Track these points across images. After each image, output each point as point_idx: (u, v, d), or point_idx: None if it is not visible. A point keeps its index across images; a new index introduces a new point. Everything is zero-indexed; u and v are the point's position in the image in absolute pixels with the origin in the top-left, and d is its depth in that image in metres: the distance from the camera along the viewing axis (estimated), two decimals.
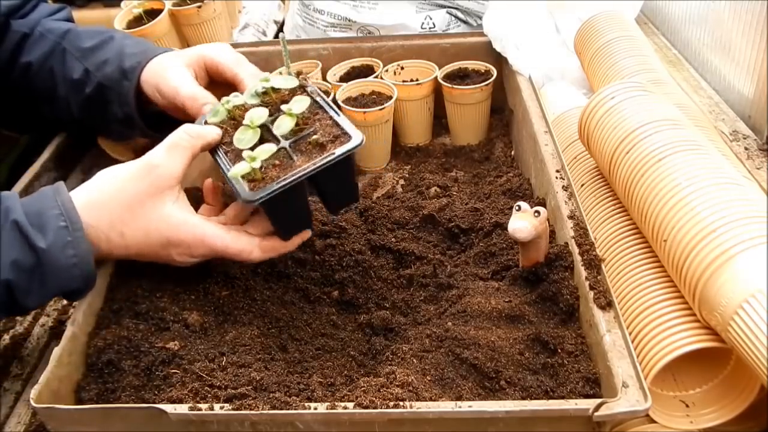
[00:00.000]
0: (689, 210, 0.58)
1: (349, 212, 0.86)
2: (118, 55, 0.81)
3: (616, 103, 0.73)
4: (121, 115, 0.82)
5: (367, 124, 1.00)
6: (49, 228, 0.58)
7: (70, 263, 0.59)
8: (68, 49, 0.84)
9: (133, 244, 0.64)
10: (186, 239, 0.64)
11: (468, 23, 1.27)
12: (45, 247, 0.58)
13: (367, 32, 1.26)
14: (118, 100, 0.81)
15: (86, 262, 0.60)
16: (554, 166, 0.78)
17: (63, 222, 0.59)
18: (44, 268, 0.58)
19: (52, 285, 0.59)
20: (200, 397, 0.56)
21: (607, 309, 0.59)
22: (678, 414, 0.60)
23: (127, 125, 0.83)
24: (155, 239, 0.64)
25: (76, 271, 0.60)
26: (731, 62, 1.00)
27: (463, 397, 0.58)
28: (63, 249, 0.58)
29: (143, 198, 0.63)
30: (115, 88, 0.81)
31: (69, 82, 0.83)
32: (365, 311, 0.74)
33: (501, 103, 1.11)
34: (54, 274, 0.59)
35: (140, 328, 0.65)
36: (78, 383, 0.62)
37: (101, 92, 0.82)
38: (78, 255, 0.59)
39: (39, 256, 0.58)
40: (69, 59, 0.83)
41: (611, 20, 0.99)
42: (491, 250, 0.76)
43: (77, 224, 0.59)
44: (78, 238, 0.59)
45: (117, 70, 0.80)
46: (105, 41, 0.84)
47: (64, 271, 0.59)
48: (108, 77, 0.81)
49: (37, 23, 0.87)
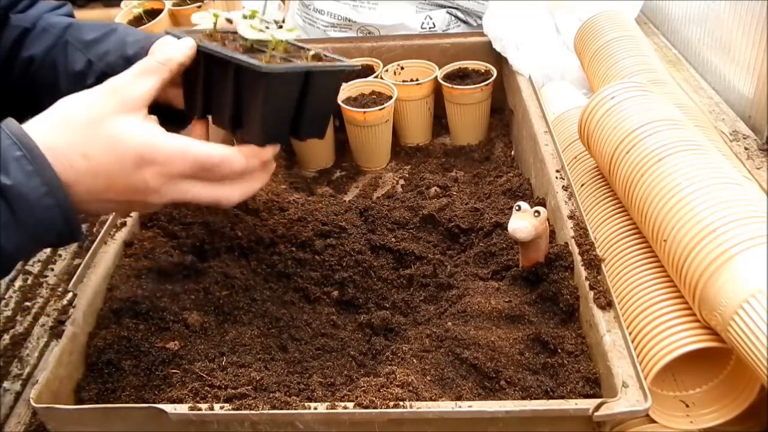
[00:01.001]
0: (689, 210, 0.58)
1: (349, 212, 0.86)
2: (121, 44, 0.81)
3: (616, 103, 0.73)
4: None
5: (367, 124, 1.00)
6: (8, 161, 0.51)
7: (40, 193, 0.51)
8: (71, 42, 0.82)
9: (100, 168, 0.54)
10: (163, 151, 0.56)
11: (468, 23, 1.27)
12: (10, 184, 0.50)
13: (367, 32, 1.26)
14: None
15: (56, 187, 0.52)
16: (554, 166, 0.78)
17: (18, 151, 0.51)
18: (14, 207, 0.51)
19: (26, 225, 0.52)
20: (200, 397, 0.56)
21: (607, 309, 0.59)
22: (678, 414, 0.60)
23: None
24: (126, 157, 0.55)
25: (49, 200, 0.52)
26: (731, 62, 1.00)
27: (463, 397, 0.58)
28: (28, 179, 0.51)
29: (108, 113, 0.55)
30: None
31: (71, 74, 0.81)
32: (365, 311, 0.74)
33: (501, 103, 1.11)
34: (25, 211, 0.51)
35: (140, 328, 0.65)
36: (78, 383, 0.62)
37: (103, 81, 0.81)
38: (47, 183, 0.52)
39: (5, 194, 0.51)
40: (71, 51, 0.81)
41: (611, 20, 0.99)
42: (491, 250, 0.76)
43: (35, 150, 0.52)
44: (41, 166, 0.52)
45: (120, 58, 0.79)
46: (107, 33, 0.83)
47: (36, 205, 0.52)
48: (111, 66, 0.79)
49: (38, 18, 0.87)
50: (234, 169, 0.59)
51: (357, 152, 1.07)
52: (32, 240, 0.54)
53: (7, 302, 0.83)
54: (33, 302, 0.83)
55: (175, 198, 0.58)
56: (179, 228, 0.77)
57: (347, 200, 0.94)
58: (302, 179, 1.05)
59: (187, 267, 0.72)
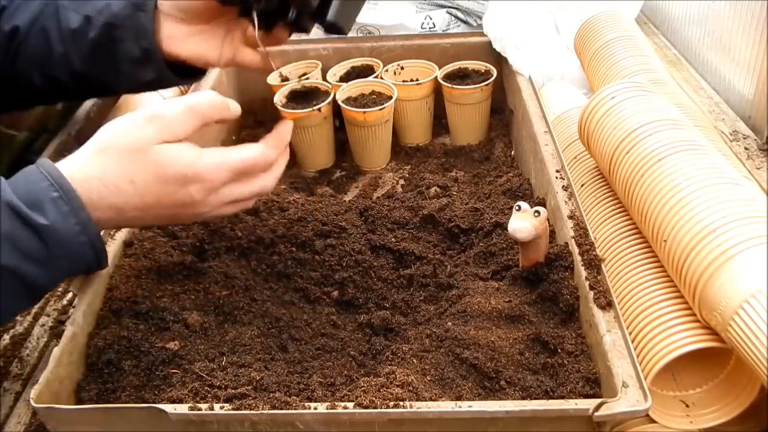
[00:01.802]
0: (689, 210, 0.58)
1: (349, 212, 0.86)
2: None
3: (616, 103, 0.73)
4: (137, 51, 0.77)
5: (367, 124, 1.00)
6: (44, 202, 0.54)
7: (74, 232, 0.55)
8: (61, 4, 0.79)
9: (147, 191, 0.58)
10: (204, 168, 0.59)
11: (468, 23, 1.27)
12: (48, 224, 0.54)
13: (367, 32, 1.26)
14: (134, 36, 0.76)
15: (88, 226, 0.56)
16: (554, 166, 0.78)
17: (55, 193, 0.55)
18: (49, 245, 0.55)
19: (60, 260, 0.56)
20: (200, 397, 0.56)
21: (607, 309, 0.59)
22: (678, 414, 0.60)
23: (142, 62, 0.78)
24: (171, 179, 0.59)
25: (83, 238, 0.56)
26: (731, 62, 1.00)
27: (463, 397, 0.58)
28: (65, 220, 0.55)
29: (149, 142, 0.58)
30: (128, 24, 0.76)
31: (68, 34, 0.78)
32: (365, 311, 0.74)
33: (501, 103, 1.11)
34: (60, 249, 0.55)
35: (140, 328, 0.65)
36: (78, 383, 0.62)
37: (109, 32, 0.77)
38: (81, 223, 0.55)
39: (41, 233, 0.54)
40: (63, 12, 0.78)
41: (611, 20, 0.99)
42: (491, 250, 0.76)
43: (71, 192, 0.55)
44: (76, 207, 0.55)
45: (127, 5, 0.76)
46: None
47: (72, 243, 0.55)
48: (116, 15, 0.77)
49: None
50: (268, 161, 0.63)
51: (357, 152, 1.07)
52: (65, 273, 0.59)
53: None
54: None
55: (221, 201, 0.62)
56: (179, 228, 0.77)
57: (347, 200, 0.94)
58: (302, 179, 1.05)
59: (187, 267, 0.72)
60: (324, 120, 1.03)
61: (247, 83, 1.17)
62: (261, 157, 0.62)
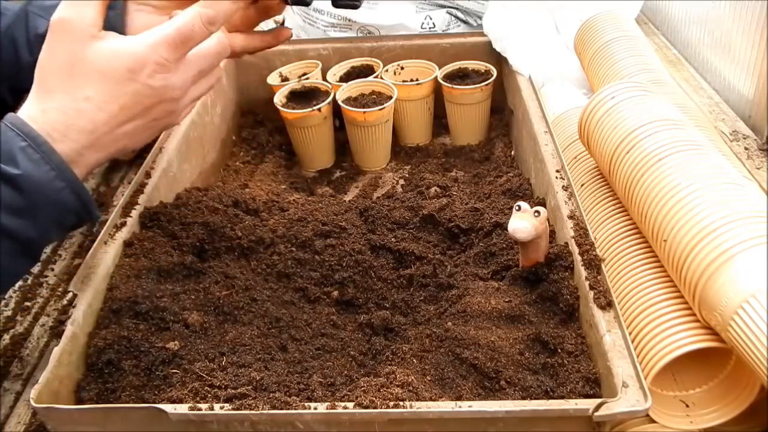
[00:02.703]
0: (689, 210, 0.58)
1: (349, 212, 0.86)
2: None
3: (616, 103, 0.73)
4: None
5: (367, 124, 1.00)
6: (14, 152, 0.54)
7: (49, 177, 0.54)
8: (31, 11, 0.78)
9: (104, 99, 0.57)
10: (143, 50, 0.56)
11: (468, 23, 1.27)
12: (20, 173, 0.53)
13: (367, 32, 1.26)
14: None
15: (64, 170, 0.55)
16: (554, 166, 0.78)
17: (23, 142, 0.54)
18: (26, 194, 0.54)
19: (42, 209, 0.55)
20: (200, 397, 0.56)
21: (607, 309, 0.59)
22: (678, 414, 0.60)
23: None
24: (118, 75, 0.56)
25: (59, 183, 0.55)
26: (731, 62, 1.00)
27: (463, 397, 0.58)
28: (36, 167, 0.54)
29: (73, 53, 0.56)
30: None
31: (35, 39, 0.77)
32: (365, 311, 0.74)
33: (501, 103, 1.11)
34: (39, 197, 0.54)
35: (140, 328, 0.65)
36: (78, 383, 0.62)
37: None
38: (55, 167, 0.55)
39: (16, 183, 0.53)
40: (32, 18, 0.78)
41: (611, 20, 0.99)
42: (491, 250, 0.76)
43: (38, 138, 0.54)
44: (47, 152, 0.54)
45: None
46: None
47: (49, 189, 0.55)
48: None
49: None
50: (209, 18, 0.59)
51: (357, 152, 1.07)
52: (53, 224, 0.57)
53: (7, 302, 0.83)
54: (33, 302, 0.83)
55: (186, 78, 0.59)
56: (179, 228, 0.77)
57: (347, 200, 0.94)
58: (302, 179, 1.05)
59: (187, 267, 0.72)
60: (324, 120, 1.03)
61: (247, 83, 1.17)
62: (196, 17, 0.58)
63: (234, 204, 0.84)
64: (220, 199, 0.83)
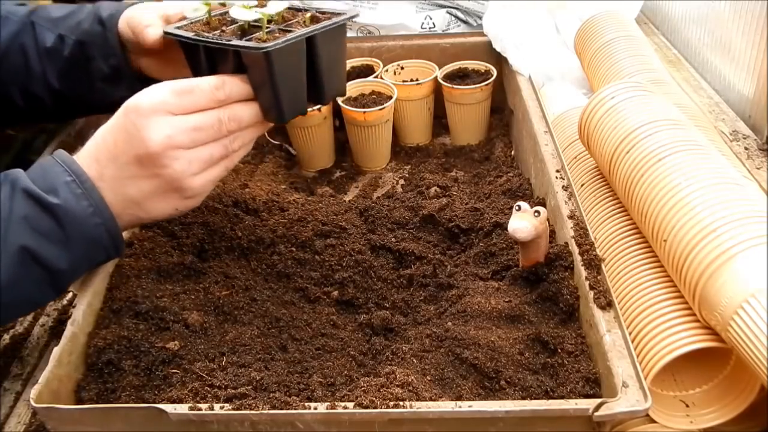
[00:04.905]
0: (689, 210, 0.58)
1: (349, 212, 0.86)
2: (94, 12, 0.78)
3: (616, 103, 0.73)
4: (107, 69, 0.79)
5: (367, 124, 1.00)
6: (58, 185, 0.57)
7: (88, 213, 0.58)
8: (37, 22, 0.81)
9: (116, 149, 0.60)
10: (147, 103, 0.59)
11: (468, 23, 1.27)
12: (59, 203, 0.56)
13: (367, 32, 1.26)
14: (103, 53, 0.78)
15: (102, 208, 0.59)
16: (554, 166, 0.78)
17: (69, 177, 0.58)
18: (63, 224, 0.57)
19: (76, 242, 0.58)
20: (200, 397, 0.56)
21: (607, 309, 0.59)
22: (678, 414, 0.60)
23: (113, 80, 0.80)
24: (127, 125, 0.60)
25: (96, 219, 0.58)
26: (731, 62, 1.00)
27: (463, 397, 0.58)
28: (77, 201, 0.57)
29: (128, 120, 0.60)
30: (97, 42, 0.78)
31: (43, 52, 0.80)
32: (365, 311, 0.74)
33: (501, 103, 1.11)
34: (75, 229, 0.57)
35: (140, 328, 0.65)
36: (78, 383, 0.62)
37: (81, 50, 0.79)
38: (94, 204, 0.58)
39: (55, 213, 0.56)
40: (40, 30, 0.81)
41: (611, 20, 0.99)
42: (491, 250, 0.76)
43: (83, 176, 0.58)
44: (89, 189, 0.58)
45: (95, 23, 0.78)
46: (76, 10, 0.80)
47: (85, 223, 0.58)
48: (87, 33, 0.79)
49: None
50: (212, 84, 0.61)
51: (357, 152, 1.07)
52: (83, 258, 0.60)
53: None
54: None
55: (191, 157, 0.60)
56: (179, 228, 0.77)
57: (347, 200, 0.94)
58: (302, 179, 1.05)
59: (187, 267, 0.73)
60: (324, 120, 1.03)
61: None
62: (196, 81, 0.61)
63: (234, 204, 0.84)
64: (220, 199, 0.83)
